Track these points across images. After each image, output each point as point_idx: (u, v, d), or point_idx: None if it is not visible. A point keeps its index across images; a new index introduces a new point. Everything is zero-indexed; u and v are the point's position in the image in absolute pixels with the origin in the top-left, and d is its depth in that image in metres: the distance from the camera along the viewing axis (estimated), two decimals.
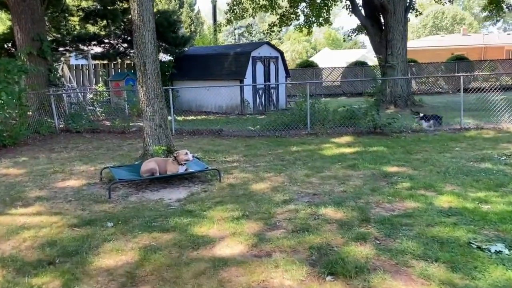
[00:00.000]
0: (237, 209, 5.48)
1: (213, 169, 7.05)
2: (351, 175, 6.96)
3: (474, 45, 39.51)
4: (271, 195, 6.07)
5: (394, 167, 7.36)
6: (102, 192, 6.50)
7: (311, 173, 7.20)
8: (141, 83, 7.76)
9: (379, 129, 11.19)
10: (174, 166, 6.80)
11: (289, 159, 8.40)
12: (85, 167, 8.17)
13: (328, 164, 7.80)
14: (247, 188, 6.49)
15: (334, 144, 9.90)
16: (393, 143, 9.69)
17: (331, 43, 79.60)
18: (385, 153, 8.54)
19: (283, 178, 6.96)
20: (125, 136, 12.15)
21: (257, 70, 18.60)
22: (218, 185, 6.72)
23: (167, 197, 6.21)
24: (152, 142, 7.93)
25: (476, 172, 6.78)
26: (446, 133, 10.65)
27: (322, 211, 5.21)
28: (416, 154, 8.35)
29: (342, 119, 12.03)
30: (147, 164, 6.81)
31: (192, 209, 5.57)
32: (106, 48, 20.03)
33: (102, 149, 10.18)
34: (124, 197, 6.26)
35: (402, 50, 17.56)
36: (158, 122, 7.91)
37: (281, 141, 10.59)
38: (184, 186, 6.78)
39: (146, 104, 7.81)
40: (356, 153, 8.66)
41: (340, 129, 11.55)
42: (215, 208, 5.58)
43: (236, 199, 5.93)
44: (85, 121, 13.07)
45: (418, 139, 9.96)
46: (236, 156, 8.89)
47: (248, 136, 11.57)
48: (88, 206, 5.89)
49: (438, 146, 9.07)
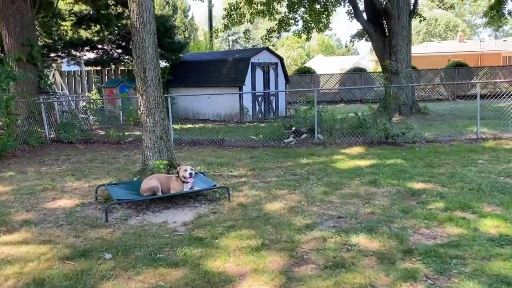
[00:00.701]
0: (254, 236, 4.79)
1: (222, 187, 6.35)
2: (375, 193, 6.30)
3: (471, 51, 39.20)
4: (290, 217, 5.38)
5: (419, 183, 6.72)
6: (98, 215, 5.77)
7: (329, 190, 6.53)
8: (141, 91, 7.06)
9: (391, 139, 10.57)
10: (178, 183, 6.10)
11: (301, 173, 7.73)
12: (78, 184, 7.42)
13: (345, 179, 7.13)
14: (261, 208, 5.80)
15: (345, 156, 9.25)
16: (409, 154, 9.07)
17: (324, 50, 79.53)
18: (405, 166, 7.90)
19: (299, 196, 6.28)
20: (121, 147, 11.41)
21: (257, 77, 17.97)
22: (227, 205, 6.02)
23: (172, 220, 5.51)
24: (153, 155, 7.22)
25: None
26: (462, 144, 10.04)
27: (354, 240, 4.53)
28: (438, 167, 7.72)
29: (351, 128, 11.41)
30: (148, 182, 6.10)
31: (202, 236, 4.86)
32: (99, 54, 19.29)
33: (96, 162, 9.44)
34: (123, 220, 5.54)
35: (407, 56, 17.02)
36: (159, 134, 7.20)
37: (288, 152, 9.92)
38: (190, 206, 6.07)
39: (146, 114, 7.11)
40: (372, 167, 8.01)
41: (349, 139, 10.91)
42: (228, 234, 4.89)
43: (250, 223, 5.24)
44: (78, 131, 12.30)
45: (435, 151, 9.34)
46: (242, 169, 8.20)
47: (252, 147, 10.89)
48: (83, 231, 5.16)
49: (458, 158, 8.45)
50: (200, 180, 6.46)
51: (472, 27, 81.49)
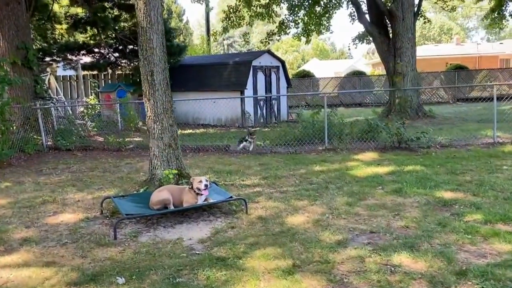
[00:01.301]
0: (281, 255, 4.32)
1: (239, 198, 5.87)
2: (402, 204, 5.86)
3: (469, 54, 39.06)
4: (317, 232, 4.92)
5: (448, 191, 6.29)
6: (105, 231, 5.27)
7: (353, 200, 6.08)
8: (148, 96, 6.58)
9: (404, 144, 10.15)
10: (192, 196, 5.61)
11: (318, 181, 7.27)
12: (80, 195, 6.91)
13: (367, 188, 6.69)
14: (283, 222, 5.33)
15: (360, 162, 8.81)
16: (426, 160, 8.65)
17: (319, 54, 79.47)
18: (427, 173, 7.47)
19: (321, 208, 5.82)
20: (122, 154, 10.90)
21: (258, 80, 17.55)
22: (245, 218, 5.55)
23: (187, 237, 5.02)
24: (161, 164, 6.73)
25: None
26: (480, 149, 9.64)
27: (396, 260, 4.07)
28: (463, 175, 7.29)
29: (361, 133, 11.01)
30: (158, 194, 5.61)
31: (223, 256, 4.38)
32: (96, 58, 18.77)
33: (97, 171, 8.93)
34: (133, 237, 5.04)
35: (412, 59, 16.66)
36: (167, 141, 6.72)
37: (298, 159, 9.48)
38: (204, 220, 5.59)
39: (154, 120, 6.63)
40: (392, 174, 7.58)
41: (360, 144, 10.50)
42: (252, 253, 4.41)
43: (274, 240, 4.76)
44: (76, 138, 11.78)
45: (453, 156, 8.93)
46: (254, 178, 7.73)
47: (259, 153, 10.43)
48: (90, 251, 4.67)
49: (481, 164, 8.04)
50: (214, 191, 5.99)
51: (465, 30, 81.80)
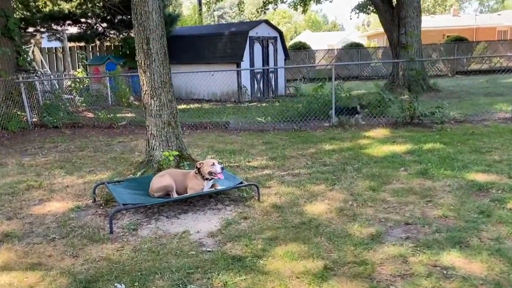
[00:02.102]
0: (308, 253, 3.69)
1: (251, 184, 5.20)
2: (432, 188, 5.24)
3: (466, 26, 38.20)
4: (343, 224, 4.30)
5: (479, 173, 5.68)
6: (99, 222, 4.60)
7: (376, 185, 5.45)
8: (144, 67, 5.81)
9: (417, 120, 9.52)
10: (198, 182, 4.93)
11: (332, 163, 6.63)
12: (69, 179, 6.20)
13: (388, 170, 6.06)
14: (302, 211, 4.70)
15: (373, 140, 8.18)
16: (443, 137, 8.03)
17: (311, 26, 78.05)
18: (449, 152, 6.85)
19: (342, 194, 5.19)
20: (113, 131, 10.13)
21: (255, 52, 16.68)
22: (258, 206, 4.90)
23: (194, 229, 4.37)
24: (159, 145, 6.02)
25: None
26: (498, 124, 9.04)
27: (446, 259, 3.46)
28: (489, 153, 6.69)
29: (370, 107, 10.33)
30: (160, 180, 4.92)
31: (239, 254, 3.74)
32: (83, 28, 17.70)
33: (87, 150, 8.19)
34: (132, 230, 4.38)
35: (417, 29, 15.88)
36: (166, 119, 5.99)
37: (304, 136, 8.81)
38: (212, 208, 4.93)
39: (151, 95, 5.87)
40: (411, 153, 6.96)
41: (369, 120, 9.84)
42: (273, 251, 3.78)
43: (296, 233, 4.13)
44: (64, 114, 10.95)
45: (472, 133, 8.32)
46: (260, 158, 7.07)
47: (261, 130, 9.75)
48: (82, 248, 4.00)
49: (505, 141, 7.43)
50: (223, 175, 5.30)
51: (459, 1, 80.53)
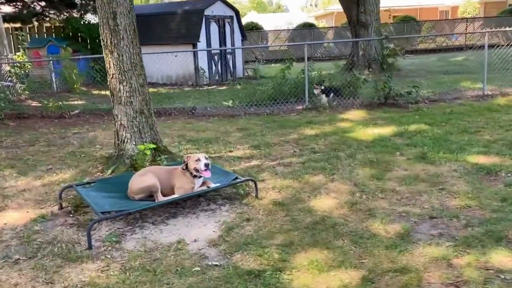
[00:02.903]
0: (335, 261, 3.16)
1: (247, 179, 4.56)
2: (439, 174, 4.87)
3: (411, 6, 39.02)
4: (361, 221, 3.80)
5: (480, 155, 5.39)
6: (72, 235, 3.81)
7: (378, 173, 5.00)
8: (110, 47, 4.96)
9: (391, 100, 9.23)
10: (187, 180, 4.23)
11: (320, 149, 6.13)
12: (24, 182, 5.27)
13: (385, 155, 5.64)
14: (309, 208, 4.15)
15: (352, 123, 7.77)
16: (423, 117, 7.77)
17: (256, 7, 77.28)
18: (438, 133, 6.56)
19: (346, 185, 4.70)
20: (66, 122, 9.06)
21: (212, 32, 15.82)
22: (258, 204, 4.30)
23: (189, 237, 3.70)
24: (131, 137, 5.23)
25: None
26: (472, 102, 8.93)
27: (495, 260, 3.04)
28: (479, 133, 6.46)
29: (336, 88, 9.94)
30: (141, 179, 4.17)
31: (255, 268, 3.14)
32: (18, 7, 15.97)
33: (39, 144, 7.17)
34: (115, 243, 3.64)
35: (376, 7, 15.63)
36: (138, 107, 5.21)
37: (280, 121, 8.26)
38: (204, 210, 4.27)
39: (119, 79, 5.05)
40: (399, 136, 6.61)
41: (342, 102, 9.43)
42: (294, 260, 3.21)
43: (312, 236, 3.58)
44: (4, 103, 9.66)
45: (450, 112, 8.13)
46: (242, 147, 6.44)
47: (231, 115, 9.08)
48: (57, 271, 3.23)
49: (488, 120, 7.27)
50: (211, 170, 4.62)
51: None
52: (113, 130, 7.95)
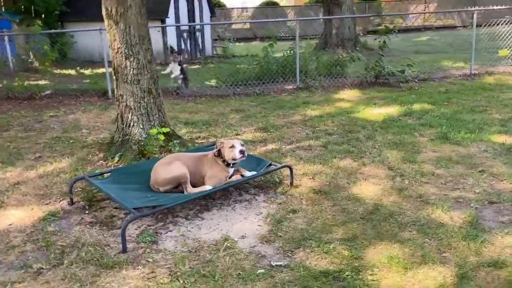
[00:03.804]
0: (416, 257, 2.86)
1: (284, 166, 4.14)
2: (471, 155, 4.68)
3: None
4: (418, 209, 3.52)
5: (502, 135, 5.29)
6: (96, 235, 3.26)
7: (408, 155, 4.74)
8: (115, 17, 4.33)
9: (383, 79, 9.05)
10: (220, 168, 3.76)
11: (334, 131, 5.80)
12: (15, 173, 4.57)
13: (405, 136, 5.39)
14: (354, 196, 3.82)
15: (351, 103, 7.51)
16: (421, 96, 7.64)
17: None
18: (446, 113, 6.40)
19: (381, 169, 4.40)
20: (37, 104, 8.16)
21: (180, 8, 15.03)
22: (297, 193, 3.91)
23: (235, 233, 3.27)
24: (138, 120, 4.65)
25: None
26: (462, 81, 8.91)
27: None
28: (486, 112, 6.38)
29: (327, 68, 9.65)
30: (168, 169, 3.65)
31: (329, 268, 2.78)
32: None
33: (14, 130, 6.37)
34: (151, 244, 3.15)
35: None
36: (146, 85, 4.62)
37: (274, 101, 7.86)
38: (237, 200, 3.83)
39: (126, 54, 4.43)
40: (408, 115, 6.41)
41: (333, 81, 9.14)
42: (368, 256, 2.88)
43: (373, 228, 3.25)
44: None
45: (445, 91, 8.05)
46: (248, 130, 6.00)
47: (219, 96, 8.58)
48: (94, 282, 2.71)
49: (487, 98, 7.23)
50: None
51: None
52: (95, 113, 7.30)
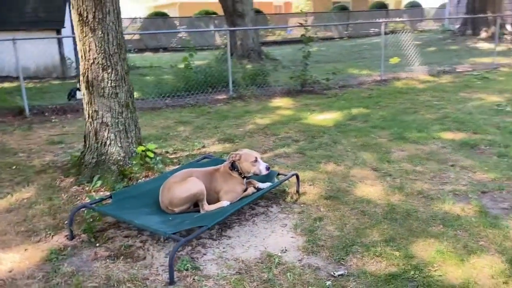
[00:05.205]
0: (458, 249, 3.04)
1: (292, 174, 4.04)
2: (434, 152, 5.11)
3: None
4: (427, 205, 3.75)
5: (447, 132, 5.86)
6: (126, 269, 2.85)
7: (382, 156, 5.01)
8: (93, 24, 3.85)
9: (308, 87, 9.45)
10: (236, 181, 3.57)
11: (298, 137, 5.89)
12: None
13: (366, 139, 5.69)
14: (362, 199, 3.91)
15: (291, 110, 7.71)
16: (351, 102, 8.13)
17: None
18: (387, 116, 6.89)
19: (367, 171, 4.59)
20: None
21: None
22: (308, 200, 3.88)
23: (274, 249, 3.14)
24: (115, 138, 4.18)
25: None
26: (374, 86, 9.68)
27: None
28: (419, 113, 7.00)
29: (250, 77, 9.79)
30: (185, 187, 3.35)
31: (395, 271, 2.82)
32: None
33: None
34: (195, 270, 2.86)
35: None
36: (124, 99, 4.19)
37: (214, 112, 7.74)
38: (253, 214, 3.67)
39: (103, 65, 3.97)
40: (353, 120, 6.76)
41: (265, 90, 9.28)
42: (420, 254, 2.98)
43: (403, 227, 3.38)
44: None
45: (369, 96, 8.67)
46: (212, 142, 5.80)
47: (151, 108, 8.15)
48: None
49: (409, 101, 7.95)
50: None
51: None
52: (18, 134, 6.42)
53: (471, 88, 8.99)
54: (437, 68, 11.41)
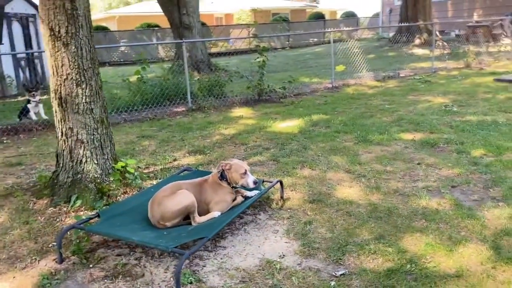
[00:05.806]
0: (444, 240, 3.24)
1: (277, 181, 4.08)
2: (398, 152, 5.38)
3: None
4: (410, 202, 3.96)
5: (406, 133, 6.17)
6: None
7: (352, 159, 5.19)
8: (65, 38, 3.71)
9: (265, 96, 9.60)
10: (226, 191, 3.57)
11: (267, 145, 5.96)
12: None
13: (333, 143, 5.87)
14: (344, 200, 4.05)
15: (253, 119, 7.78)
16: (310, 109, 8.33)
17: None
18: (344, 121, 7.10)
19: (342, 174, 4.76)
20: None
21: (15, 33, 13.30)
22: (293, 205, 3.96)
23: (272, 255, 3.19)
24: (91, 155, 4.05)
25: (487, 127, 6.33)
26: (326, 93, 10.01)
27: None
28: (376, 116, 7.31)
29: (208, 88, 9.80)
30: (177, 200, 3.31)
31: (391, 266, 2.97)
32: None
33: None
34: (199, 282, 2.84)
35: (197, 9, 15.81)
36: (98, 115, 4.07)
37: (176, 125, 7.63)
38: (243, 223, 3.69)
39: (77, 81, 3.84)
40: (315, 126, 6.94)
41: (224, 101, 9.31)
42: (411, 249, 3.15)
43: (389, 224, 3.55)
44: None
45: (324, 102, 8.94)
46: (182, 154, 5.75)
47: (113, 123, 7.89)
48: None
49: (363, 106, 8.30)
50: None
51: None
52: None
53: (417, 91, 9.53)
54: (382, 73, 11.99)
